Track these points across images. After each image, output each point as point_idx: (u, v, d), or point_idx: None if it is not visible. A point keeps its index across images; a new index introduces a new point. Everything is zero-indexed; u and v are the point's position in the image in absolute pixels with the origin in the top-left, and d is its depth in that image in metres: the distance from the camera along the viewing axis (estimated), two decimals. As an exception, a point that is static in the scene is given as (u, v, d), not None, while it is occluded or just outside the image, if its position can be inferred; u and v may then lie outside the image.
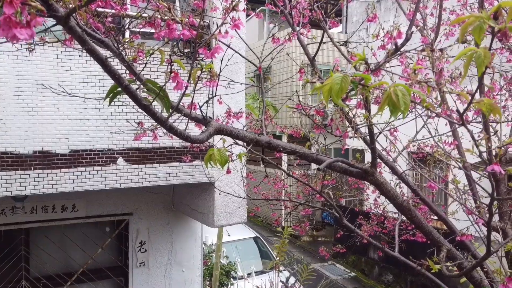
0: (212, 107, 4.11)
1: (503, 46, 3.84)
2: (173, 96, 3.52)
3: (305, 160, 2.01)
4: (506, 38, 0.78)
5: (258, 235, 11.86)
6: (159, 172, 4.00)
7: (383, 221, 4.39)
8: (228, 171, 2.69)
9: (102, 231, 5.12)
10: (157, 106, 1.70)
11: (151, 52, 1.69)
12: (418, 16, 3.53)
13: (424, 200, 2.63)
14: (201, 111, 1.95)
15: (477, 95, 3.39)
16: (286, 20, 2.92)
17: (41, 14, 0.94)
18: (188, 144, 4.01)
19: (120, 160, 3.80)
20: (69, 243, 4.93)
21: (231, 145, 2.60)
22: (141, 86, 1.63)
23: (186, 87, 1.57)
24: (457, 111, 1.38)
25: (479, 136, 3.66)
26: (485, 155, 2.06)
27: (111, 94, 1.53)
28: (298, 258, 14.39)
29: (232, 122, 3.53)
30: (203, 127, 2.01)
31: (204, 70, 1.60)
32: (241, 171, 4.10)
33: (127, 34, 3.97)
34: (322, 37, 2.78)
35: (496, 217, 3.45)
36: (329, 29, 3.12)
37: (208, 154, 1.65)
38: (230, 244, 10.38)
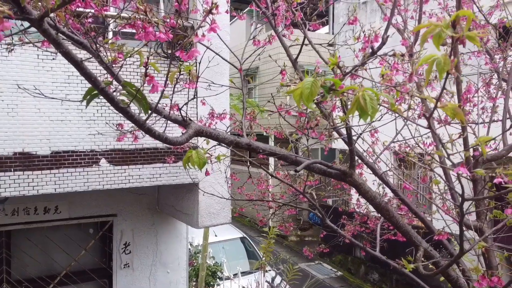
0: (196, 108, 4.11)
1: (481, 49, 3.92)
2: (156, 97, 3.52)
3: (285, 162, 2.04)
4: (464, 45, 0.81)
5: (245, 236, 11.88)
6: (142, 173, 3.98)
7: (366, 221, 4.44)
8: (207, 173, 2.70)
9: (85, 232, 5.07)
10: (136, 108, 1.70)
11: (129, 54, 1.69)
12: (399, 19, 3.59)
13: (403, 200, 2.68)
14: (180, 113, 1.96)
15: (458, 99, 3.41)
16: (268, 22, 2.93)
17: (10, 17, 0.94)
18: (172, 145, 3.99)
19: (103, 161, 3.77)
20: (51, 245, 4.87)
21: (214, 146, 2.61)
22: (120, 88, 1.63)
23: (163, 91, 1.58)
24: (424, 115, 1.41)
25: (460, 137, 3.73)
26: (452, 158, 2.11)
27: (89, 96, 1.53)
28: (285, 257, 14.45)
29: (216, 123, 3.54)
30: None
31: (182, 72, 1.61)
32: (225, 172, 4.11)
33: (111, 34, 3.95)
34: (304, 39, 2.81)
35: (474, 216, 3.52)
36: (314, 30, 3.17)
37: (187, 156, 1.66)
38: (217, 244, 10.38)
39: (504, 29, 3.76)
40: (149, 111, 1.63)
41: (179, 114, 1.98)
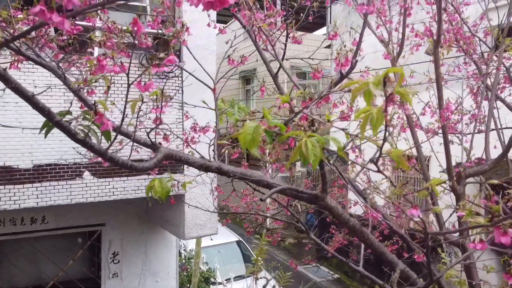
0: (182, 122, 4.08)
1: (466, 60, 3.89)
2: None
3: (258, 185, 2.01)
4: (393, 103, 0.78)
5: (241, 239, 11.83)
6: (127, 185, 3.95)
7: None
8: (172, 201, 2.66)
9: (73, 242, 5.05)
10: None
11: (94, 79, 1.66)
12: (384, 31, 3.55)
13: (385, 218, 2.64)
14: (149, 137, 1.93)
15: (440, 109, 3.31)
16: (249, 36, 2.90)
17: None
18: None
19: (87, 174, 3.75)
20: (39, 255, 4.85)
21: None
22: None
23: (124, 118, 1.54)
24: (371, 160, 1.38)
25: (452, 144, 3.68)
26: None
27: (46, 128, 1.50)
28: (282, 260, 14.42)
29: (199, 136, 3.51)
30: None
31: (144, 101, 1.58)
32: (211, 183, 4.08)
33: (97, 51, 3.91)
34: (284, 54, 2.78)
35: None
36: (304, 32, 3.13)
37: (149, 185, 1.62)
38: (212, 248, 10.32)
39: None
40: (111, 140, 1.60)
41: (148, 137, 1.95)
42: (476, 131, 3.75)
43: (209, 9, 0.92)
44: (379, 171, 1.18)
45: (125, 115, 1.72)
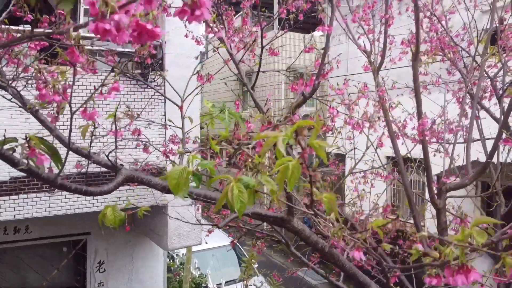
0: (165, 134, 4.03)
1: (451, 69, 3.83)
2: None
3: (226, 209, 1.95)
4: (310, 152, 0.73)
5: (236, 242, 11.75)
6: (108, 196, 3.90)
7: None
8: (127, 228, 2.61)
9: (58, 251, 5.00)
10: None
11: (43, 105, 1.60)
12: (367, 42, 3.50)
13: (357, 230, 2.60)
14: (108, 159, 1.87)
15: (418, 117, 3.24)
16: (223, 43, 2.85)
17: None
18: (137, 166, 3.92)
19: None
20: (23, 265, 4.80)
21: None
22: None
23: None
24: (305, 203, 1.33)
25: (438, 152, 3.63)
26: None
27: (-10, 155, 1.45)
28: (278, 262, 14.39)
29: (178, 147, 3.46)
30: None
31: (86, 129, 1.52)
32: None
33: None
34: (259, 66, 2.73)
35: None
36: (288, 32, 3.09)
37: (102, 213, 1.57)
38: (206, 252, 10.24)
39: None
40: (62, 166, 1.55)
41: (109, 158, 1.90)
42: (463, 140, 3.70)
43: (182, 18, 0.86)
44: (315, 214, 1.13)
45: (91, 137, 1.67)
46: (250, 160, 1.30)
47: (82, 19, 4.23)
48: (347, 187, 3.96)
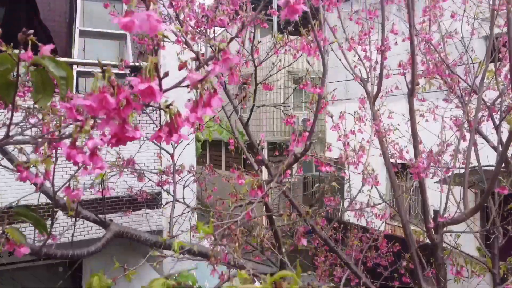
0: (160, 163, 4.01)
1: (449, 98, 3.80)
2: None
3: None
4: None
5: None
6: (102, 223, 3.87)
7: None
8: None
9: (54, 272, 4.98)
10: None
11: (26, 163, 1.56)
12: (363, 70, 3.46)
13: (348, 264, 2.59)
14: (97, 217, 1.84)
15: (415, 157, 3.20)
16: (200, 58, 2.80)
17: None
18: (132, 193, 3.88)
19: (60, 213, 3.66)
20: (19, 287, 4.77)
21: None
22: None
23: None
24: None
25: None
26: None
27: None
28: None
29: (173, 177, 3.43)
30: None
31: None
32: (189, 220, 4.00)
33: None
34: (253, 106, 2.69)
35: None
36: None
37: (88, 283, 1.54)
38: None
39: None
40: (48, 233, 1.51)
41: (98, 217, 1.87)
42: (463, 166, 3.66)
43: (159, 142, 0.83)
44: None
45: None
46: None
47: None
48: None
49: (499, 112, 3.51)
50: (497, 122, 3.43)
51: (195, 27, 2.61)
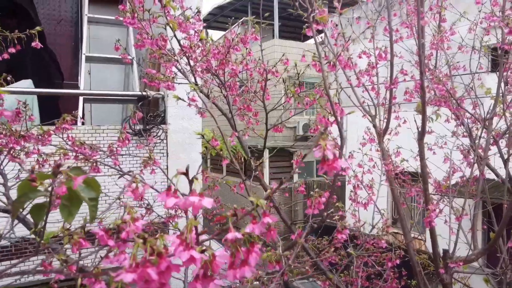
0: (167, 171, 4.00)
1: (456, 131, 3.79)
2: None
3: None
4: None
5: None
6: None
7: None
8: None
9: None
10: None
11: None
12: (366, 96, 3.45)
13: (324, 272, 2.61)
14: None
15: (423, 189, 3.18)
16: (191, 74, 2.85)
17: None
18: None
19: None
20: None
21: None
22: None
23: None
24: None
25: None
26: None
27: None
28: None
29: (180, 212, 3.41)
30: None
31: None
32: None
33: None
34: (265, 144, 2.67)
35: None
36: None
37: None
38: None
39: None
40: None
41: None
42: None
43: None
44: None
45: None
46: None
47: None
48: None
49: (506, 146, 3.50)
50: (505, 156, 3.42)
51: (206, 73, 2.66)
